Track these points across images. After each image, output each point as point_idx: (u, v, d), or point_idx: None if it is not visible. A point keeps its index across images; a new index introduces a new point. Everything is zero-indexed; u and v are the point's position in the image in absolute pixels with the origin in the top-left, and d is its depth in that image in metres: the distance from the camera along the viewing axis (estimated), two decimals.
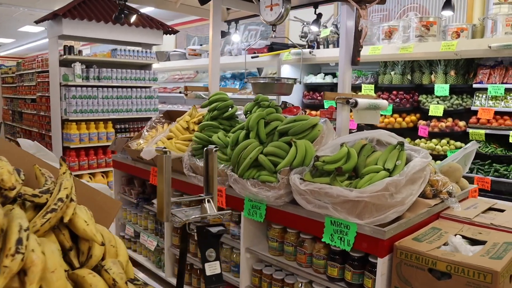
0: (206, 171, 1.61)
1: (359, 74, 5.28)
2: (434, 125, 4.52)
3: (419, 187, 1.91)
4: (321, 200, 1.83)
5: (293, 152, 2.02)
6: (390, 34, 4.72)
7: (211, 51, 3.28)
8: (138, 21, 5.36)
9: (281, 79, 2.74)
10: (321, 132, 2.12)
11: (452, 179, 2.42)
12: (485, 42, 3.96)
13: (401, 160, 1.87)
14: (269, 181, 2.06)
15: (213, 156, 1.60)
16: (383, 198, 1.71)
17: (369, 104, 2.25)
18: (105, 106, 5.21)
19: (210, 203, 1.60)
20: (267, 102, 2.43)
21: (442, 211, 2.10)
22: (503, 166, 4.09)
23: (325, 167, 1.88)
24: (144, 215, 3.40)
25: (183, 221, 1.53)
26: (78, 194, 1.22)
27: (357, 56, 2.37)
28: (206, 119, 2.69)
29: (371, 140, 2.10)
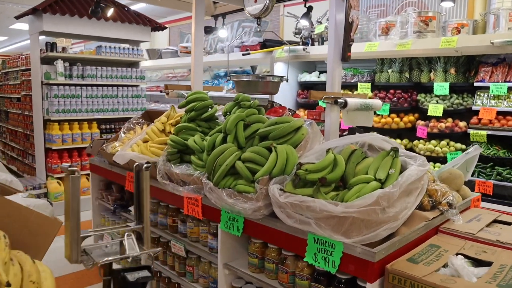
0: (137, 194, 1.28)
1: (355, 72, 5.05)
2: (433, 125, 4.30)
3: (416, 199, 1.68)
4: (303, 214, 1.60)
5: (273, 159, 1.79)
6: (387, 30, 4.49)
7: (193, 47, 3.06)
8: (125, 17, 5.13)
9: (265, 76, 2.51)
10: (305, 135, 1.89)
11: (452, 187, 2.20)
12: (487, 38, 3.73)
13: (394, 169, 1.64)
14: (246, 191, 1.83)
15: (144, 175, 1.29)
16: (373, 213, 1.48)
17: (360, 104, 2.03)
18: (89, 106, 4.98)
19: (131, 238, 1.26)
20: (248, 102, 2.20)
21: (442, 224, 1.88)
22: (506, 169, 3.86)
23: (308, 177, 1.65)
24: (122, 223, 3.17)
25: (94, 263, 1.21)
26: (6, 215, 1.00)
27: (348, 51, 2.14)
28: (183, 121, 2.46)
29: (362, 145, 1.87)
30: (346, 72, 5.08)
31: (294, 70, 5.62)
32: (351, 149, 1.77)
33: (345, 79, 5.06)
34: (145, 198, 1.27)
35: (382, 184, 1.60)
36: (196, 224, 2.39)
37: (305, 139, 1.89)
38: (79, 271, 3.45)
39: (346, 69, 5.12)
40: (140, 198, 1.26)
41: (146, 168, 1.24)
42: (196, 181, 2.13)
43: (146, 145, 2.56)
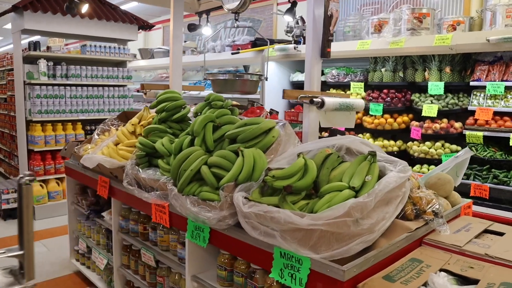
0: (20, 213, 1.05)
1: (347, 72, 4.89)
2: (427, 126, 4.13)
3: (396, 208, 1.52)
4: (268, 226, 1.44)
5: (239, 164, 1.63)
6: (380, 28, 4.32)
7: (171, 44, 2.90)
8: (110, 15, 4.98)
9: (243, 75, 2.35)
10: (276, 138, 1.73)
11: (441, 193, 2.03)
12: (483, 35, 3.56)
13: (372, 175, 1.48)
14: (210, 199, 1.67)
15: (27, 191, 1.05)
16: (344, 226, 1.32)
17: (339, 104, 1.87)
18: (74, 106, 4.82)
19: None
20: (220, 102, 2.04)
21: (426, 235, 1.71)
22: (503, 172, 3.69)
23: (275, 184, 1.49)
24: (97, 229, 3.01)
25: None
26: None
27: (327, 46, 1.98)
28: (154, 122, 2.30)
29: (339, 149, 1.71)
30: (338, 72, 4.92)
31: (286, 70, 5.46)
32: (326, 153, 1.61)
33: (338, 79, 4.90)
34: (27, 218, 1.09)
35: (357, 193, 1.44)
36: (166, 232, 2.24)
37: (276, 142, 1.73)
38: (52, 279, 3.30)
39: (339, 68, 4.96)
40: (21, 218, 1.05)
41: (28, 181, 1.04)
42: (163, 187, 1.97)
43: (116, 148, 2.40)
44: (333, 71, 4.94)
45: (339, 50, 4.64)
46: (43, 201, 4.74)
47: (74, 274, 3.39)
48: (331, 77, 4.95)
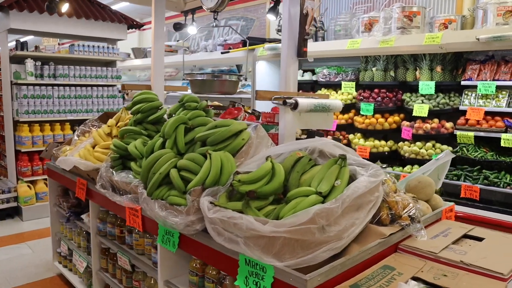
0: None
1: (338, 71, 4.83)
2: (418, 126, 4.07)
3: (367, 214, 1.46)
4: (233, 232, 1.38)
5: (206, 168, 1.57)
6: (371, 26, 4.26)
7: (153, 42, 2.84)
8: (99, 14, 4.92)
9: (221, 75, 2.30)
10: (246, 141, 1.67)
11: (421, 196, 1.97)
12: (473, 33, 3.50)
13: (341, 180, 1.42)
14: (177, 203, 1.62)
15: None
16: (308, 233, 1.27)
17: (314, 105, 1.81)
18: (62, 106, 4.77)
19: None
20: (195, 104, 1.98)
21: (402, 241, 1.66)
22: (494, 173, 3.63)
23: (241, 188, 1.44)
24: (78, 231, 2.96)
25: None
26: None
27: (303, 46, 1.93)
28: (130, 124, 2.25)
29: (311, 151, 1.65)
30: (329, 71, 4.86)
31: (278, 69, 5.40)
32: (297, 157, 1.56)
33: (329, 78, 4.84)
34: None
35: (325, 198, 1.39)
36: (142, 236, 2.19)
37: (247, 145, 1.67)
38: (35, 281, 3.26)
39: (330, 67, 4.90)
40: None
41: None
42: (134, 190, 1.92)
43: (91, 149, 2.35)
44: (324, 71, 4.88)
45: (329, 49, 4.58)
46: (30, 202, 4.69)
47: (57, 276, 3.34)
48: (322, 77, 4.89)
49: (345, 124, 4.67)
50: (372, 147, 4.39)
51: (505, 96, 3.78)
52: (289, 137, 1.94)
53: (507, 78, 3.74)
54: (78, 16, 4.60)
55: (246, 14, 6.88)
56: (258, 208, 1.42)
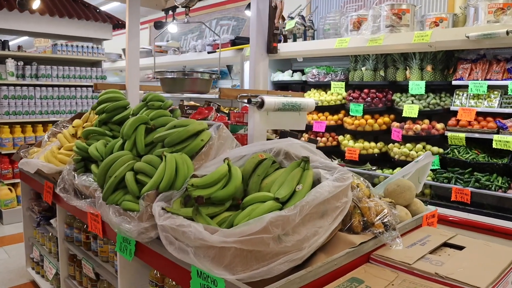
0: None
1: (328, 71, 4.71)
2: (408, 127, 3.95)
3: (333, 221, 1.34)
4: (183, 241, 1.26)
5: (160, 171, 1.45)
6: (359, 25, 4.14)
7: (127, 40, 2.73)
8: (82, 13, 4.80)
9: (193, 73, 2.18)
10: (205, 142, 1.55)
11: (400, 201, 1.85)
12: (463, 31, 3.38)
13: (303, 184, 1.30)
14: (131, 209, 1.49)
15: None
16: (261, 243, 1.14)
17: (283, 103, 1.69)
18: (44, 107, 4.65)
19: None
20: (159, 103, 1.87)
21: (375, 250, 1.53)
22: (485, 175, 3.51)
23: (195, 193, 1.31)
24: (49, 236, 2.84)
25: None
26: None
27: (273, 41, 1.81)
28: (95, 124, 2.13)
29: (277, 153, 1.53)
30: (319, 71, 4.75)
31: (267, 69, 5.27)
32: (259, 159, 1.44)
33: (318, 78, 4.73)
34: None
35: (284, 204, 1.26)
36: (106, 242, 2.07)
37: (208, 146, 1.55)
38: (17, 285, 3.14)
39: (319, 67, 4.78)
40: None
41: None
42: (93, 194, 1.80)
43: (56, 152, 2.23)
44: (313, 71, 4.77)
45: (317, 48, 4.47)
46: (11, 205, 4.57)
47: (30, 283, 3.21)
48: (312, 77, 4.77)
49: (335, 125, 4.55)
50: (362, 148, 4.27)
51: (497, 96, 3.66)
52: (259, 138, 1.82)
53: (499, 78, 3.62)
54: (61, 15, 4.49)
55: (237, 14, 6.78)
56: (213, 215, 1.30)
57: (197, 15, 7.68)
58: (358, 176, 1.63)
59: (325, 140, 4.59)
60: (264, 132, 1.83)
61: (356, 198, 1.56)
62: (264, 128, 1.81)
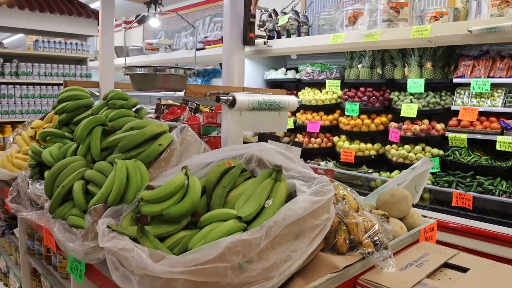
0: None
1: (323, 68, 4.48)
2: (406, 128, 3.72)
3: (311, 243, 1.12)
4: (127, 267, 1.04)
5: (110, 181, 1.23)
6: (355, 20, 3.92)
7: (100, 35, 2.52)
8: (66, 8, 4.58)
9: (165, 68, 1.95)
10: (165, 146, 1.33)
11: (394, 213, 1.63)
12: (464, 25, 3.16)
13: (273, 199, 1.08)
14: (77, 225, 1.28)
15: None
16: (217, 274, 0.92)
17: (259, 102, 1.47)
18: (25, 107, 4.44)
19: None
20: (121, 101, 1.65)
21: (363, 273, 1.31)
22: (488, 179, 3.28)
23: (144, 209, 1.09)
24: (16, 246, 2.62)
25: None
26: None
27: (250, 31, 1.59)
28: (55, 125, 1.91)
29: (248, 160, 1.31)
30: (313, 68, 4.52)
31: (260, 67, 5.06)
32: (225, 167, 1.22)
33: (312, 76, 4.50)
34: None
35: (249, 224, 1.04)
36: (66, 257, 1.84)
37: (169, 151, 1.33)
38: None
39: (313, 65, 4.55)
40: None
41: None
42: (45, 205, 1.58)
43: (14, 155, 2.01)
44: (308, 68, 4.54)
45: (311, 44, 4.24)
46: None
47: None
48: (306, 75, 4.55)
49: (330, 126, 4.33)
50: (358, 150, 4.04)
51: (501, 95, 3.43)
52: (234, 141, 1.60)
53: (503, 75, 3.39)
54: (41, 9, 4.27)
55: None
56: (166, 235, 1.08)
57: (191, 12, 7.47)
58: (344, 186, 1.41)
59: (319, 141, 4.37)
60: (240, 134, 1.61)
61: (342, 212, 1.34)
62: (238, 130, 1.59)
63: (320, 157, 4.43)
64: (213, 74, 6.27)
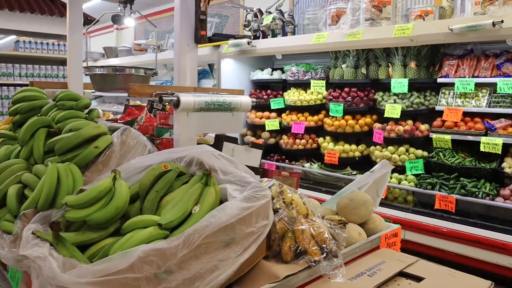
0: None
1: (307, 68, 4.42)
2: (390, 129, 3.66)
3: (244, 251, 1.05)
4: (42, 276, 0.98)
5: (40, 185, 1.18)
6: (338, 19, 3.86)
7: (68, 35, 2.47)
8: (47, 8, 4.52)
9: (125, 68, 1.90)
10: (101, 149, 1.27)
11: (353, 218, 1.56)
12: (446, 24, 3.10)
13: (201, 205, 1.02)
14: (8, 230, 1.22)
15: None
16: (128, 286, 0.86)
17: (207, 103, 1.40)
18: (5, 108, 4.39)
19: None
20: (71, 102, 1.59)
21: (308, 284, 1.25)
22: (472, 181, 3.21)
23: (68, 215, 1.04)
24: None
25: None
26: None
27: (201, 28, 1.53)
28: (9, 128, 1.85)
29: (188, 163, 1.25)
30: (298, 69, 4.46)
31: (246, 68, 5.00)
32: (160, 170, 1.15)
33: (297, 77, 4.44)
34: None
35: (172, 231, 0.98)
36: None
37: (106, 154, 1.27)
38: None
39: (299, 65, 4.49)
40: None
41: None
42: None
43: None
44: (293, 68, 4.48)
45: (294, 44, 4.18)
46: None
47: None
48: (291, 75, 4.48)
49: (315, 127, 4.27)
50: (342, 151, 3.97)
51: (486, 95, 3.37)
52: (186, 144, 1.54)
53: (487, 75, 3.33)
54: (22, 9, 4.22)
55: (221, 11, 6.51)
56: (89, 242, 1.02)
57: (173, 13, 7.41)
58: (294, 190, 1.35)
59: (304, 142, 4.30)
60: (192, 137, 1.55)
61: (288, 219, 1.28)
62: (187, 132, 1.52)
63: (305, 159, 4.37)
64: (202, 75, 6.20)
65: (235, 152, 1.67)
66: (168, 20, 7.80)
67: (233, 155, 1.67)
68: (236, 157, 1.69)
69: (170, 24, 7.76)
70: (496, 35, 2.92)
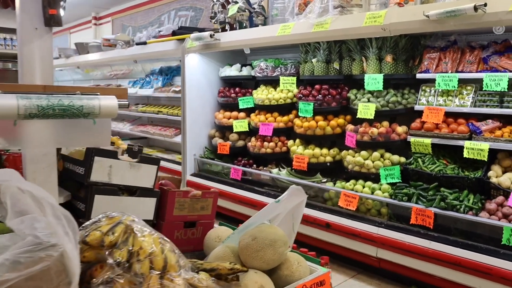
0: None
1: (277, 64, 3.98)
2: (363, 131, 3.22)
3: None
4: None
5: None
6: (305, 7, 3.42)
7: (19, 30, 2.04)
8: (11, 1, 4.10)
9: None
10: None
11: (257, 264, 1.13)
12: (421, 9, 2.65)
13: None
14: None
15: None
16: None
17: (41, 107, 0.98)
18: None
19: None
20: None
21: None
22: (454, 192, 2.77)
23: None
24: None
25: None
26: None
27: (50, 6, 1.11)
28: None
29: None
30: (267, 64, 4.02)
31: (214, 63, 4.56)
32: None
33: (266, 73, 3.99)
34: None
35: None
36: None
37: None
38: None
39: (267, 60, 4.05)
40: None
41: None
42: None
43: None
44: (261, 64, 4.04)
45: (258, 36, 3.73)
46: None
47: None
48: (259, 71, 4.04)
49: (285, 128, 3.82)
50: (311, 156, 3.53)
51: (470, 93, 2.92)
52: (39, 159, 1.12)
53: (473, 69, 2.88)
54: None
55: (195, 4, 6.08)
56: None
57: (156, 6, 7.00)
58: (152, 233, 0.93)
59: (273, 145, 3.87)
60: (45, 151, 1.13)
61: (129, 277, 0.86)
62: (44, 146, 1.10)
63: (274, 163, 3.93)
64: (176, 72, 5.77)
65: (113, 170, 1.25)
66: (144, 14, 7.38)
67: (110, 174, 1.25)
68: (117, 176, 1.27)
69: (146, 19, 7.34)
70: (480, 21, 2.47)
